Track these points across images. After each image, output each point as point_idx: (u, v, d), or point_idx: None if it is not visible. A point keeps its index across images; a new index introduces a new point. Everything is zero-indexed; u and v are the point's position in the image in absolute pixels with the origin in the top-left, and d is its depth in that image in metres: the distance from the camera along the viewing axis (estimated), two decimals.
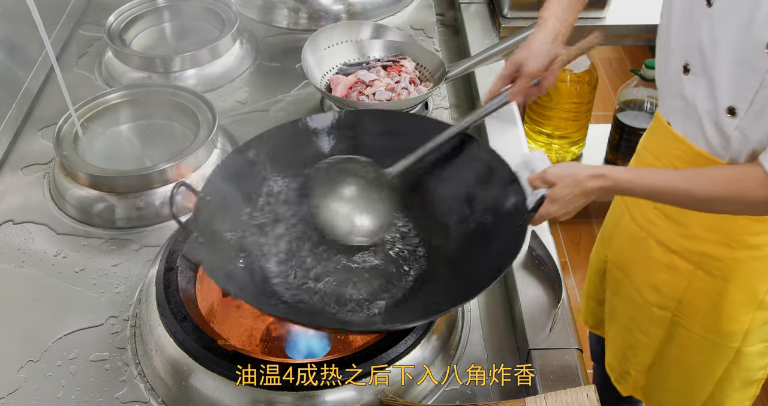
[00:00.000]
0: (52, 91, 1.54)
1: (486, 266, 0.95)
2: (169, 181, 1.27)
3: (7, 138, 1.41)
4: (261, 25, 1.77)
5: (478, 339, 1.08)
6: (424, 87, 1.46)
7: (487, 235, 1.02)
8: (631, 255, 1.29)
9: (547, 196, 0.98)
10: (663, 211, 1.20)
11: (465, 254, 1.03)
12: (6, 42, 1.44)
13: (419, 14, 1.81)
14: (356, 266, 1.08)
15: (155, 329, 1.02)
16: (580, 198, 0.99)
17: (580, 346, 1.03)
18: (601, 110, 3.01)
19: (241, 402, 0.94)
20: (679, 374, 1.30)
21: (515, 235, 0.96)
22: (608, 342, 1.43)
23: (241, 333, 1.15)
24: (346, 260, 1.09)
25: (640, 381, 1.37)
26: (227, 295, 1.20)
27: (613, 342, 1.41)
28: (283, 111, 1.51)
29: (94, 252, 1.22)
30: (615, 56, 3.39)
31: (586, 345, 1.91)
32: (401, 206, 1.12)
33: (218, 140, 1.36)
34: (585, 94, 2.42)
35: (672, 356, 1.29)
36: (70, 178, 1.28)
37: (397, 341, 0.97)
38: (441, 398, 1.00)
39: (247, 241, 1.06)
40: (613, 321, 1.39)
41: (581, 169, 0.98)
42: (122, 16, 1.64)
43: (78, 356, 1.06)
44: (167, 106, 1.42)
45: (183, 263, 1.07)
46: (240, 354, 0.94)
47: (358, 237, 1.09)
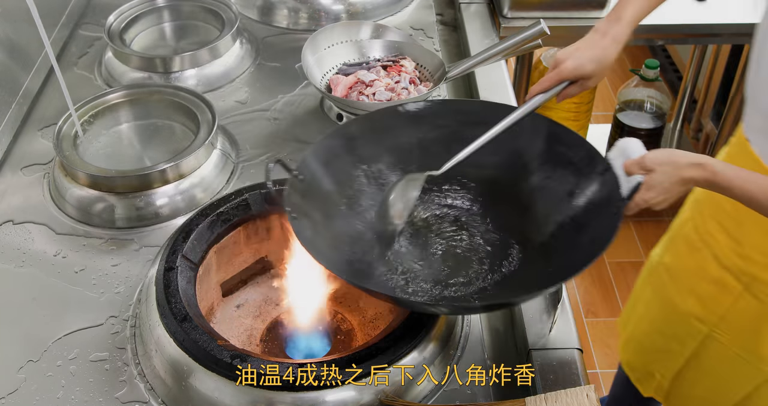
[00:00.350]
0: (52, 91, 1.54)
1: (579, 253, 0.96)
2: (169, 182, 1.27)
3: (7, 138, 1.41)
4: (261, 25, 1.77)
5: (478, 339, 1.08)
6: (424, 87, 1.46)
7: (579, 222, 1.03)
8: (684, 262, 1.28)
9: (644, 183, 0.95)
10: (725, 227, 1.18)
11: (558, 241, 1.04)
12: (6, 42, 1.44)
13: (419, 14, 1.81)
14: (449, 251, 1.10)
15: (155, 329, 1.02)
16: (678, 186, 0.95)
17: (580, 346, 1.03)
18: (601, 110, 3.02)
19: (241, 402, 0.94)
20: (708, 384, 1.28)
21: (609, 222, 0.96)
22: (631, 339, 1.41)
23: (241, 333, 1.16)
24: (439, 245, 1.11)
25: (664, 385, 1.35)
26: (227, 295, 1.20)
27: (638, 341, 1.39)
28: (283, 111, 1.51)
29: (94, 252, 1.22)
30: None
31: (586, 345, 1.92)
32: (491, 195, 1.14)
33: (218, 140, 1.36)
34: (585, 94, 2.42)
35: (702, 367, 1.27)
36: (70, 178, 1.28)
37: (397, 341, 0.97)
38: (441, 398, 1.00)
39: (339, 221, 1.08)
40: (645, 321, 1.37)
41: (681, 157, 0.95)
42: (122, 16, 1.64)
43: (78, 356, 1.06)
44: (167, 106, 1.42)
45: (183, 263, 1.07)
46: (240, 354, 0.94)
47: None
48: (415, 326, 0.99)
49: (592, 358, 2.22)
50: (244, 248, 1.20)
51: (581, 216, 1.04)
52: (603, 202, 1.01)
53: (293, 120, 1.49)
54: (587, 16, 1.87)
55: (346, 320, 1.16)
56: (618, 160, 1.01)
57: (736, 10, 1.89)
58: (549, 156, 1.11)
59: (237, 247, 1.19)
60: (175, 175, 1.28)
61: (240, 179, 1.35)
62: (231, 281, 1.20)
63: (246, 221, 1.17)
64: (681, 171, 0.94)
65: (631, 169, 0.97)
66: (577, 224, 1.03)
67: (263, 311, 1.19)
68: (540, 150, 1.12)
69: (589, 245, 0.97)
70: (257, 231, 1.19)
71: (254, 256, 1.22)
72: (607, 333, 2.30)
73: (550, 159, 1.10)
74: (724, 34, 1.92)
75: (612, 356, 2.24)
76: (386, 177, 1.15)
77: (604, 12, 1.88)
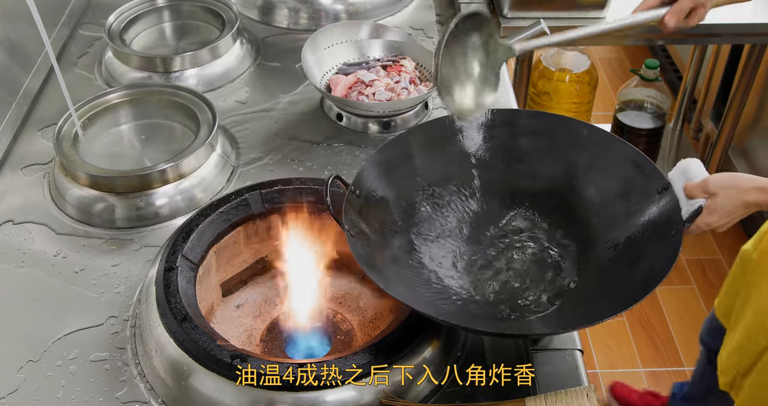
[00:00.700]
0: (52, 91, 1.54)
1: (636, 277, 0.96)
2: (169, 182, 1.27)
3: (7, 138, 1.41)
4: (261, 25, 1.77)
5: (478, 339, 1.08)
6: (424, 87, 1.46)
7: (637, 244, 1.02)
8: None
9: (706, 207, 0.96)
10: None
11: (615, 264, 1.03)
12: (6, 42, 1.44)
13: (419, 14, 1.81)
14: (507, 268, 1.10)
15: (155, 329, 1.02)
16: (741, 210, 0.95)
17: (580, 346, 1.03)
18: (601, 110, 3.01)
19: (241, 402, 0.94)
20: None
21: (669, 245, 0.95)
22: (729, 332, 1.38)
23: (241, 333, 1.16)
24: (498, 262, 1.10)
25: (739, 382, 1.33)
26: (227, 295, 1.20)
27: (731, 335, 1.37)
28: (283, 111, 1.51)
29: (94, 252, 1.22)
30: (615, 56, 3.39)
31: (586, 345, 1.92)
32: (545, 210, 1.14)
33: (218, 140, 1.36)
34: (585, 94, 2.43)
35: None
36: (70, 178, 1.28)
37: (398, 341, 0.97)
38: (441, 398, 1.00)
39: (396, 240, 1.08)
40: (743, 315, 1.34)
41: (745, 181, 0.96)
42: (122, 16, 1.64)
43: (78, 356, 1.06)
44: (167, 106, 1.42)
45: (183, 262, 1.07)
46: (240, 354, 0.94)
47: None
48: (415, 326, 0.99)
49: (592, 358, 2.22)
50: (244, 248, 1.20)
51: (640, 237, 1.02)
52: (662, 224, 1.00)
53: (293, 120, 1.49)
54: (587, 16, 1.87)
55: (346, 320, 1.16)
56: (678, 181, 1.00)
57: (736, 10, 1.89)
58: (604, 170, 1.10)
59: (237, 247, 1.19)
60: (175, 176, 1.28)
61: (240, 179, 1.35)
62: (231, 281, 1.20)
63: (246, 221, 1.17)
64: (744, 195, 0.95)
65: (693, 193, 0.97)
66: (635, 246, 1.02)
67: (263, 311, 1.19)
68: (595, 163, 1.11)
69: (647, 269, 0.96)
70: (257, 231, 1.19)
71: (254, 256, 1.22)
72: (607, 333, 2.30)
73: (606, 173, 1.10)
74: (724, 34, 1.92)
75: (612, 356, 2.24)
76: (440, 192, 1.14)
77: (604, 12, 1.88)
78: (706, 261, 2.49)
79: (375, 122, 1.45)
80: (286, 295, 1.18)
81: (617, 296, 0.96)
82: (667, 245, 0.96)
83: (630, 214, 1.05)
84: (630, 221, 1.04)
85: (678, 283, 2.43)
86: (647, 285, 0.92)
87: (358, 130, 1.46)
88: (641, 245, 1.01)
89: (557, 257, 1.10)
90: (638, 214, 1.04)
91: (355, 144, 1.42)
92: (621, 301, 0.93)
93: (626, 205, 1.06)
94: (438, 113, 1.50)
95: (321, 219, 1.18)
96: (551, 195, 1.14)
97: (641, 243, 1.01)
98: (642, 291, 0.91)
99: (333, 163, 1.38)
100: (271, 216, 1.18)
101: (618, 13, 1.93)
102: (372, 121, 1.45)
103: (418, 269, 1.08)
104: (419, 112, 1.47)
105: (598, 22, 1.88)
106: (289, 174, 1.34)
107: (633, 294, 0.91)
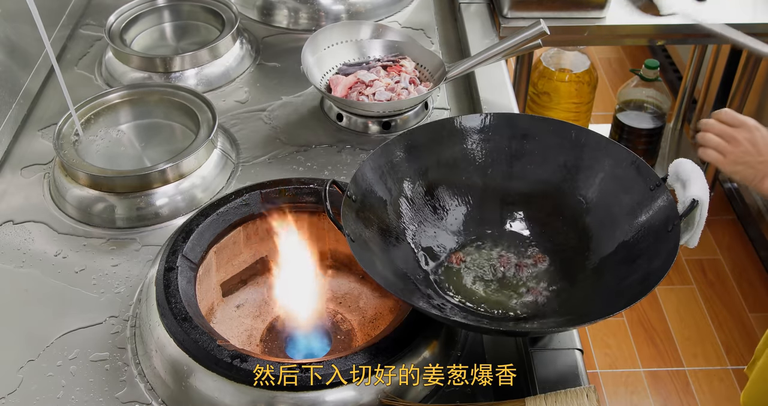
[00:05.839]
0: (52, 91, 1.54)
1: (635, 276, 0.96)
2: (169, 182, 1.27)
3: (7, 138, 1.41)
4: (261, 25, 1.77)
5: (478, 339, 1.08)
6: (424, 87, 1.46)
7: (635, 242, 1.02)
8: None
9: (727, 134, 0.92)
10: None
11: (614, 263, 1.03)
12: (6, 42, 1.44)
13: (419, 14, 1.81)
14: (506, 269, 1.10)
15: (155, 329, 1.02)
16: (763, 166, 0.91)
17: (580, 346, 1.03)
18: (601, 110, 3.02)
19: (241, 402, 0.94)
20: None
21: (667, 241, 0.96)
22: None
23: (241, 333, 1.16)
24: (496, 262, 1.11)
25: None
26: (227, 295, 1.20)
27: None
28: (283, 111, 1.51)
29: (94, 252, 1.22)
30: (615, 56, 3.39)
31: (586, 345, 1.92)
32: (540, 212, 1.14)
33: (218, 140, 1.36)
34: (585, 94, 2.43)
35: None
36: (70, 178, 1.28)
37: (398, 341, 0.97)
38: (441, 398, 1.00)
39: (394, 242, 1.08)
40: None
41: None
42: (122, 16, 1.64)
43: (78, 356, 1.06)
44: (167, 106, 1.42)
45: (183, 262, 1.07)
46: (240, 354, 0.94)
47: None
48: (414, 326, 0.99)
49: (592, 358, 2.23)
50: (244, 248, 1.20)
51: (637, 236, 1.02)
52: (658, 220, 1.00)
53: (293, 120, 1.49)
54: (587, 16, 1.87)
55: (346, 320, 1.16)
56: (671, 180, 1.01)
57: (735, 10, 1.89)
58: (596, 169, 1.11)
59: (237, 247, 1.19)
60: (175, 176, 1.28)
61: (240, 179, 1.35)
62: (231, 281, 1.20)
63: (246, 221, 1.17)
64: None
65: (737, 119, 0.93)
66: (632, 244, 1.02)
67: (263, 311, 1.19)
68: (586, 163, 1.11)
69: (646, 267, 0.96)
70: (257, 231, 1.19)
71: (254, 256, 1.22)
72: (607, 333, 2.30)
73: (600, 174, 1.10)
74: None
75: (612, 356, 2.24)
76: (437, 194, 1.15)
77: (604, 12, 1.88)
78: (706, 261, 2.49)
79: (375, 122, 1.45)
80: (286, 295, 1.17)
81: (617, 295, 0.96)
82: (665, 241, 0.96)
83: (625, 212, 1.05)
84: (626, 220, 1.05)
85: (678, 282, 2.43)
86: (647, 283, 0.92)
87: (358, 130, 1.46)
88: (639, 243, 1.02)
89: (556, 257, 1.11)
90: (634, 212, 1.04)
91: (355, 144, 1.42)
92: (621, 300, 0.93)
93: (621, 204, 1.06)
94: (438, 113, 1.50)
95: (321, 219, 1.18)
96: (546, 197, 1.15)
97: (639, 241, 1.02)
98: (642, 289, 0.91)
99: (333, 164, 1.38)
100: (271, 216, 1.18)
101: (618, 13, 1.93)
102: (372, 121, 1.45)
103: (417, 269, 1.09)
104: (419, 113, 1.47)
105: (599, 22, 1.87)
106: (289, 174, 1.34)
107: (633, 293, 0.92)
